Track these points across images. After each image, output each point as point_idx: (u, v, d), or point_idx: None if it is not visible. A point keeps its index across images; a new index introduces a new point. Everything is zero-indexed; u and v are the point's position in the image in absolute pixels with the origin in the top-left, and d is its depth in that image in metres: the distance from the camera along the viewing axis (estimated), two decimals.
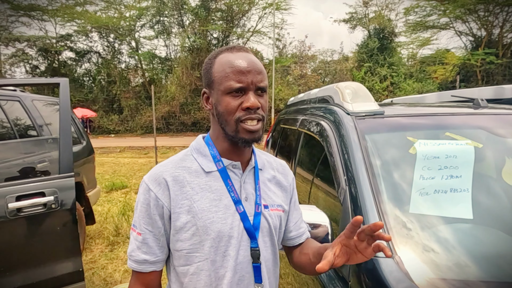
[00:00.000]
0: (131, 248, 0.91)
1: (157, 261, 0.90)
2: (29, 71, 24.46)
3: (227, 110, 0.86)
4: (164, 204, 0.86)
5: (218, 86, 0.87)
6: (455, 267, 0.99)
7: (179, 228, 0.87)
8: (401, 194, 1.21)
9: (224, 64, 0.87)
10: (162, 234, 0.89)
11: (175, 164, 0.91)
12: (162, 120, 22.58)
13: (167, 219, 0.88)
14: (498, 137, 1.43)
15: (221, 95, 0.87)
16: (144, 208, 0.88)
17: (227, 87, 0.85)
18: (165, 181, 0.87)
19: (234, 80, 0.85)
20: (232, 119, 0.86)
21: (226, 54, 0.89)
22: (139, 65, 25.45)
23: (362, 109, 1.53)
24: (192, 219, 0.86)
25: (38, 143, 3.23)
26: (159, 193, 0.87)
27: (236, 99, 0.86)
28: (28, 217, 2.05)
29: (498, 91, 2.01)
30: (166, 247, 0.91)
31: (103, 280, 3.33)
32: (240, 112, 0.86)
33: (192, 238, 0.87)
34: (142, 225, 0.88)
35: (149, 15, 24.00)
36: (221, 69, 0.87)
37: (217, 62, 0.89)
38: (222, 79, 0.86)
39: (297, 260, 1.05)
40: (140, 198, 0.89)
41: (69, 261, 2.18)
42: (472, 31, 21.78)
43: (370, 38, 22.75)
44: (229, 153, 0.93)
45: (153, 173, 0.90)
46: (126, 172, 9.44)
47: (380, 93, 21.14)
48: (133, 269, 0.91)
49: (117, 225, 4.62)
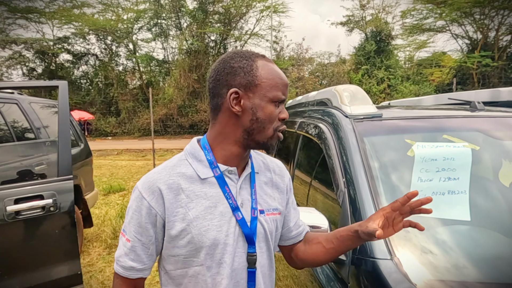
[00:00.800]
0: (119, 253, 0.90)
1: (144, 268, 0.90)
2: (26, 73, 24.36)
3: (270, 118, 0.89)
4: (157, 212, 0.85)
5: (265, 92, 0.87)
6: (453, 268, 1.00)
7: (174, 236, 0.86)
8: (399, 196, 1.21)
9: (272, 73, 0.89)
10: (152, 243, 0.88)
11: (169, 171, 0.89)
12: (159, 123, 22.54)
13: (160, 227, 0.87)
14: (494, 139, 1.45)
15: (266, 102, 0.88)
16: (135, 216, 0.87)
17: (276, 97, 0.88)
18: (159, 190, 0.85)
19: (282, 91, 0.89)
20: (271, 127, 0.89)
21: (267, 62, 0.91)
22: (137, 68, 25.39)
23: (361, 112, 1.54)
24: (187, 227, 0.85)
25: (36, 146, 3.22)
26: (152, 202, 0.85)
27: (277, 109, 0.90)
28: (27, 220, 2.05)
29: (494, 93, 2.03)
30: (155, 254, 0.91)
31: (101, 283, 3.32)
32: (277, 122, 0.90)
33: (188, 246, 0.86)
34: (132, 232, 0.88)
35: (147, 18, 23.98)
36: (271, 77, 0.88)
37: (262, 67, 0.88)
38: (272, 87, 0.88)
39: (305, 253, 1.04)
40: (132, 205, 0.88)
41: (67, 264, 2.17)
42: (468, 34, 21.93)
43: (367, 40, 22.84)
44: (230, 159, 0.91)
45: (146, 180, 0.88)
46: (123, 175, 9.41)
47: (377, 96, 21.22)
48: (120, 274, 0.90)
49: (115, 228, 4.60)
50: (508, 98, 1.94)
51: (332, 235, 0.97)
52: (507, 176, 1.30)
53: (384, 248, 1.03)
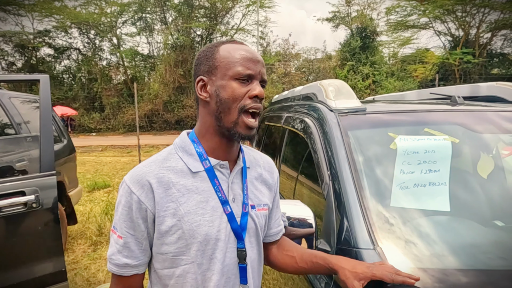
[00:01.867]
0: (112, 251, 0.86)
1: (140, 264, 0.87)
2: (5, 68, 23.61)
3: (233, 96, 0.84)
4: (148, 207, 0.82)
5: (224, 71, 0.85)
6: (434, 257, 1.03)
7: (164, 232, 0.83)
8: (382, 188, 1.25)
9: (232, 51, 0.86)
10: (145, 238, 0.85)
11: (159, 164, 0.86)
12: (145, 118, 22.24)
13: (151, 222, 0.84)
14: (473, 132, 1.49)
15: (227, 80, 0.84)
16: (125, 211, 0.83)
17: (236, 73, 0.84)
18: (148, 183, 0.82)
19: (244, 66, 0.84)
20: (236, 107, 0.84)
21: (231, 44, 0.88)
22: (121, 63, 24.93)
23: (345, 106, 1.56)
24: (178, 222, 0.83)
25: (17, 142, 3.14)
26: (142, 196, 0.82)
27: (243, 86, 0.84)
28: (8, 217, 2.00)
29: (474, 89, 2.08)
30: (149, 250, 0.88)
31: (86, 281, 3.28)
32: (246, 100, 0.84)
33: (178, 242, 0.84)
34: (123, 229, 0.84)
35: (131, 12, 23.52)
36: (229, 55, 0.85)
37: (223, 49, 0.87)
38: (230, 64, 0.84)
39: (277, 258, 1.06)
40: (122, 200, 0.84)
41: (51, 261, 2.13)
42: (450, 31, 22.41)
43: (353, 37, 23.02)
44: (217, 151, 0.90)
45: (135, 174, 0.84)
46: (108, 171, 9.28)
47: (362, 91, 21.46)
48: (114, 273, 0.87)
49: (100, 225, 4.54)
50: (487, 93, 1.99)
51: (308, 257, 0.99)
52: (485, 168, 1.34)
53: (367, 238, 1.06)
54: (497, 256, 1.08)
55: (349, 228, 1.10)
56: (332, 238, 1.17)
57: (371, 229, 1.08)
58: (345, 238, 1.10)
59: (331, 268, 0.92)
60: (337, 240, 1.14)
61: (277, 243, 1.09)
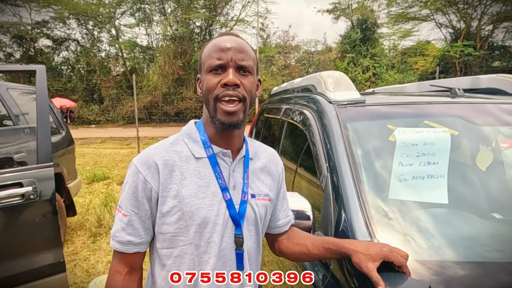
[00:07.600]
0: (116, 229, 0.91)
1: (142, 242, 0.91)
2: (2, 58, 23.42)
3: (208, 88, 0.88)
4: (153, 187, 0.87)
5: (204, 66, 0.90)
6: (431, 249, 1.03)
7: (165, 212, 0.87)
8: (381, 180, 1.25)
9: (209, 45, 0.91)
10: (149, 217, 0.90)
11: (166, 148, 0.91)
12: (144, 110, 22.16)
13: (155, 202, 0.88)
14: (473, 125, 1.48)
15: (205, 74, 0.89)
16: (131, 190, 0.88)
17: (208, 65, 0.88)
18: (155, 165, 0.87)
19: (214, 57, 0.87)
20: (211, 97, 0.88)
21: (215, 38, 0.92)
22: (120, 54, 24.73)
23: (344, 98, 1.55)
24: (179, 203, 0.87)
25: (14, 133, 3.12)
26: (148, 176, 0.87)
27: (217, 76, 0.87)
28: (5, 208, 2.00)
29: (474, 81, 2.07)
30: (151, 229, 0.92)
31: (86, 272, 3.30)
32: (218, 90, 0.86)
33: (178, 223, 0.88)
34: (128, 207, 0.89)
35: (130, 2, 23.22)
36: (206, 50, 0.91)
37: (205, 46, 0.93)
38: (205, 58, 0.90)
39: (288, 248, 1.08)
40: (129, 180, 0.89)
41: (49, 252, 2.14)
42: (451, 23, 22.20)
43: (353, 29, 22.84)
44: (218, 139, 0.94)
45: (143, 155, 0.89)
46: (107, 163, 9.27)
47: (362, 84, 21.38)
48: (116, 250, 0.91)
49: (99, 217, 4.55)
50: (487, 85, 1.98)
51: (320, 243, 0.99)
52: (484, 161, 1.33)
53: (365, 229, 1.06)
54: (494, 248, 1.08)
55: (346, 220, 1.10)
56: (329, 230, 1.17)
57: (369, 221, 1.08)
58: (342, 230, 1.10)
59: (344, 252, 0.92)
60: (334, 232, 1.14)
61: (286, 233, 1.11)
